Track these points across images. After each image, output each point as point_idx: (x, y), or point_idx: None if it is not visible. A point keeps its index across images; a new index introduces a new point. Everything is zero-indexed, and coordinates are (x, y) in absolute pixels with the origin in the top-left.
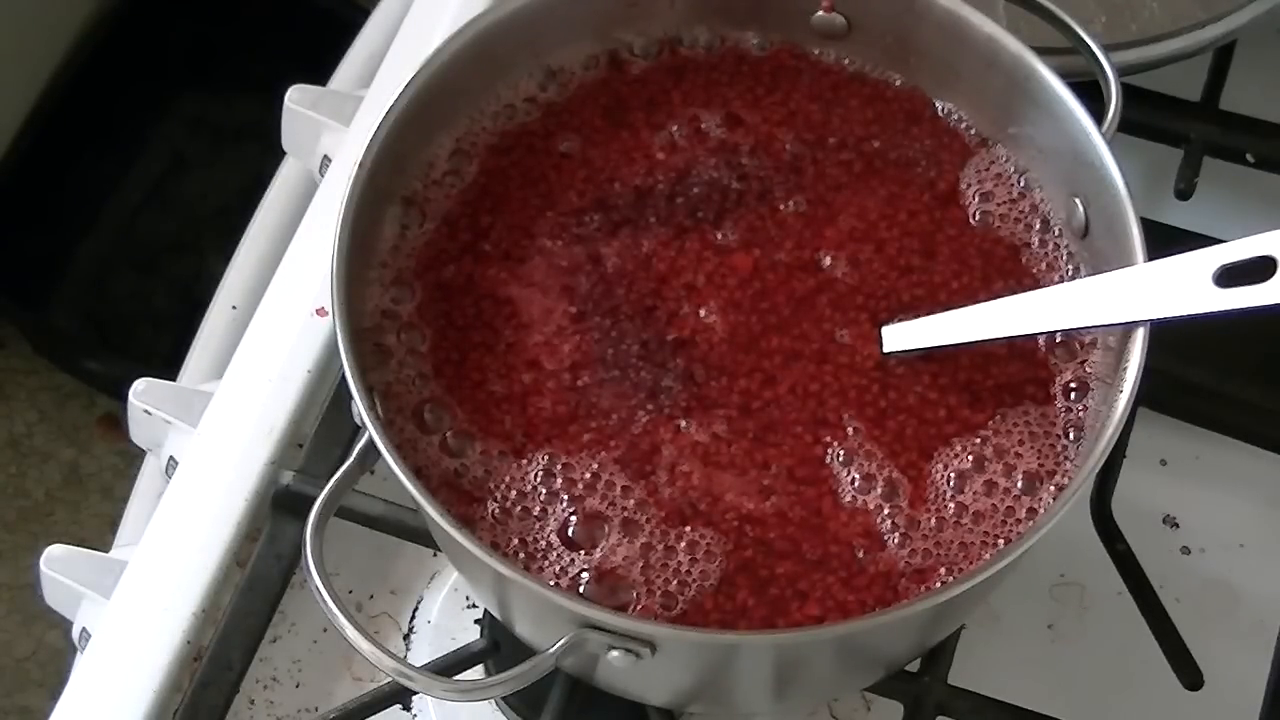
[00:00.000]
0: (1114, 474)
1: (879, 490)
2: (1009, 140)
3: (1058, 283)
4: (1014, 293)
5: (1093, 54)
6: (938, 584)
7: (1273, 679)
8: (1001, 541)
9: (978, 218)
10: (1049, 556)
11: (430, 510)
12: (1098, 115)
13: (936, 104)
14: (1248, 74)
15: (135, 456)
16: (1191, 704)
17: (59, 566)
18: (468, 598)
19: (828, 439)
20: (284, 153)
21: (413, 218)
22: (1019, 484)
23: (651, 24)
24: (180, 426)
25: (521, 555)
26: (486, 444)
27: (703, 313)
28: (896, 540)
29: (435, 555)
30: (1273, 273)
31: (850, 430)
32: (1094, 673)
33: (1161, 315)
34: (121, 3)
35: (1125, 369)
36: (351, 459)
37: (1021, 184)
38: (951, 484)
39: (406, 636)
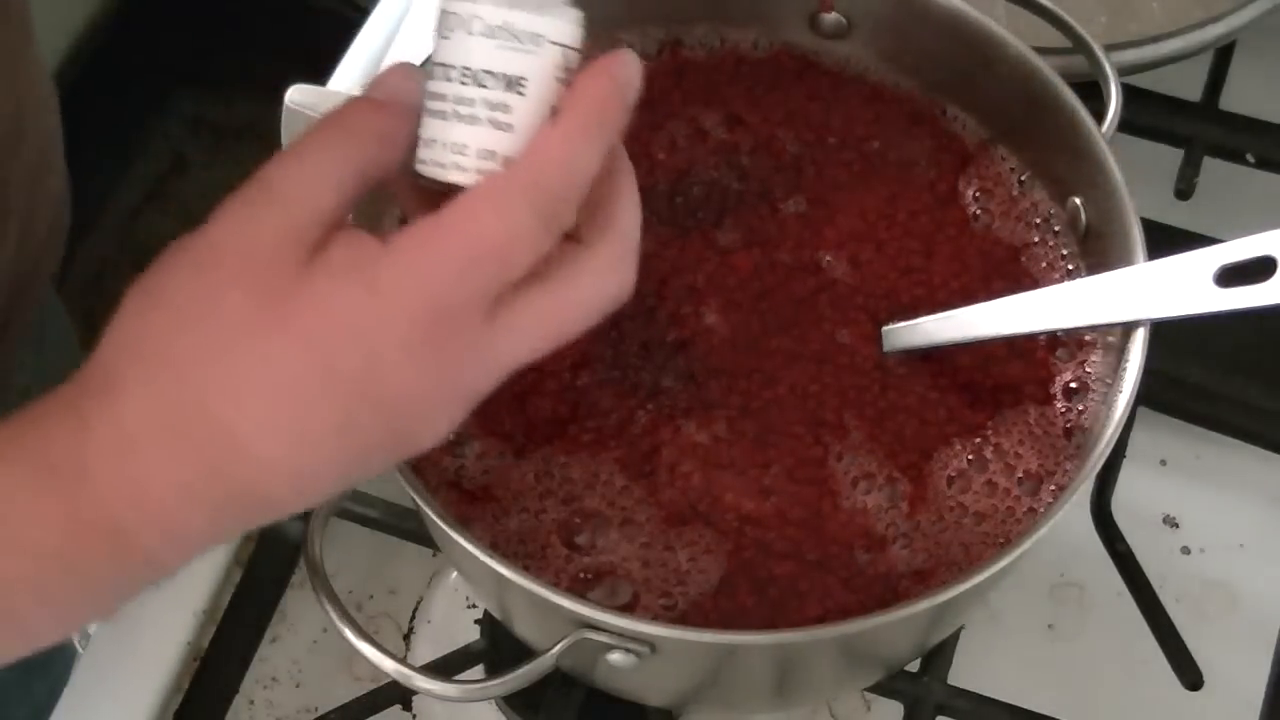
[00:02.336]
0: (1114, 474)
1: (879, 490)
2: (1009, 140)
3: (1058, 283)
4: (1014, 293)
5: (1093, 54)
6: (938, 584)
7: (1273, 679)
8: (1001, 541)
9: (978, 218)
10: (1049, 556)
11: (430, 510)
12: (1098, 115)
13: (936, 104)
14: (1248, 74)
15: None
16: (1191, 704)
17: None
18: (468, 598)
19: (828, 439)
20: None
21: None
22: (1019, 484)
23: (651, 24)
24: None
25: (521, 555)
26: (486, 444)
27: (703, 313)
28: (896, 540)
29: (435, 555)
30: (1273, 273)
31: (850, 430)
32: (1094, 673)
33: (1161, 315)
34: (121, 3)
35: (1125, 369)
36: None
37: (1021, 184)
38: (951, 484)
39: (406, 636)
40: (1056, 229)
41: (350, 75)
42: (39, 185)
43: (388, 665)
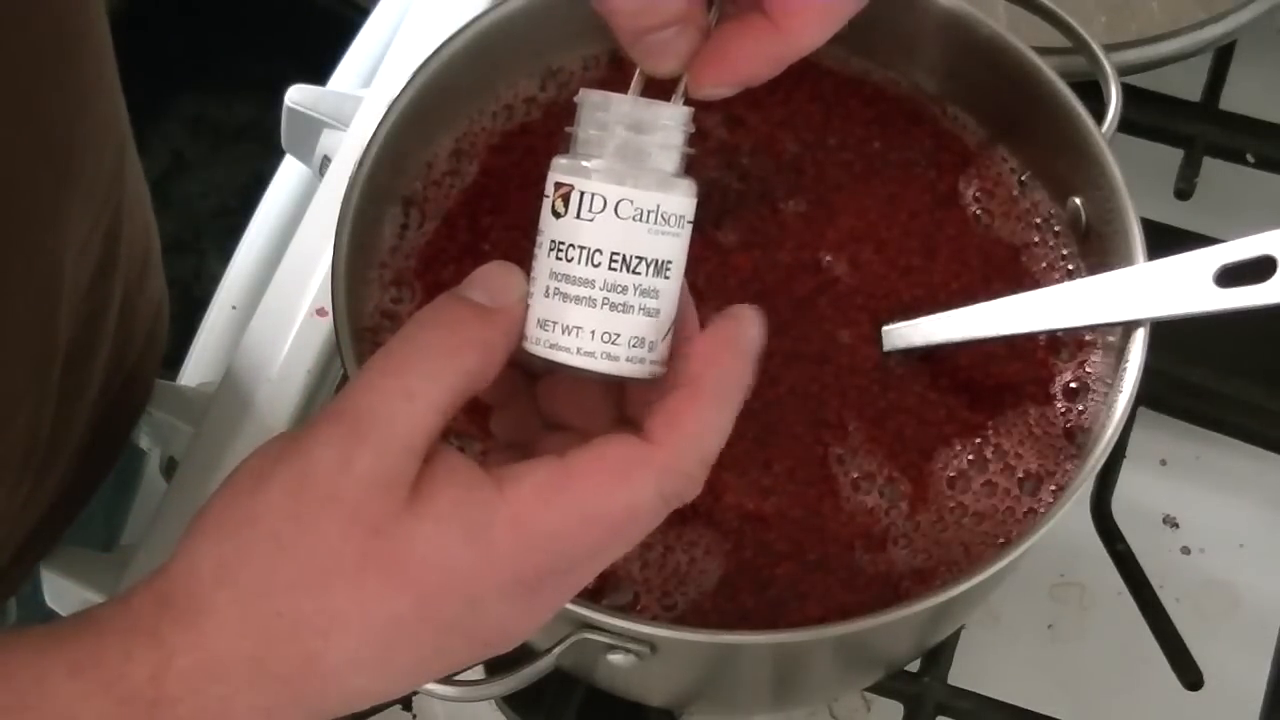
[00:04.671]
0: (1114, 474)
1: (879, 490)
2: (1009, 140)
3: (1058, 283)
4: (1014, 293)
5: (1093, 54)
6: (938, 584)
7: (1273, 679)
8: (1001, 541)
9: (978, 218)
10: (1049, 556)
11: None
12: (1098, 115)
13: (937, 105)
14: (1248, 74)
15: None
16: (1191, 704)
17: (60, 566)
18: None
19: (828, 439)
20: (284, 153)
21: (413, 218)
22: (1019, 484)
23: None
24: (180, 427)
25: None
26: (487, 444)
27: (703, 313)
28: (897, 540)
29: None
30: (1273, 273)
31: (850, 430)
32: (1094, 673)
33: (1161, 315)
34: (121, 3)
35: (1125, 369)
36: None
37: (1021, 184)
38: (952, 484)
39: None
40: (1056, 229)
41: (350, 75)
42: (135, 298)
43: None
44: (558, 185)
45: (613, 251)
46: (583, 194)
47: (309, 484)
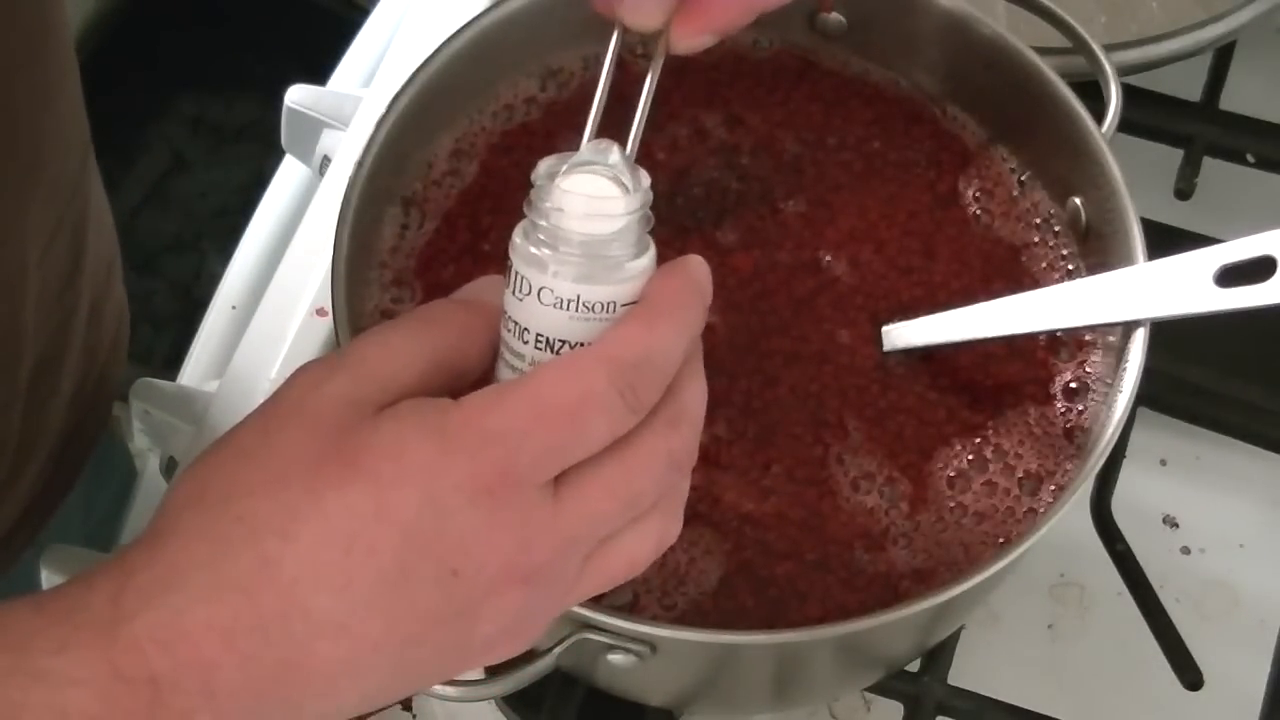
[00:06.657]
0: (1114, 474)
1: (879, 490)
2: (1009, 140)
3: (1058, 283)
4: (1014, 293)
5: (1093, 54)
6: (938, 584)
7: (1273, 679)
8: (1001, 541)
9: (978, 218)
10: (1049, 556)
11: None
12: (1098, 115)
13: (937, 105)
14: (1248, 74)
15: (135, 456)
16: (1191, 704)
17: (60, 566)
18: None
19: (828, 439)
20: (284, 153)
21: (413, 218)
22: (1019, 484)
23: None
24: (180, 426)
25: None
26: None
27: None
28: (896, 540)
29: None
30: (1273, 273)
31: (850, 430)
32: (1094, 673)
33: (1161, 315)
34: (121, 3)
35: (1125, 369)
36: None
37: (1021, 184)
38: (951, 484)
39: None
40: (1056, 229)
41: (350, 75)
42: (102, 304)
43: None
44: (508, 256)
45: (537, 333)
46: (516, 273)
47: (280, 403)
